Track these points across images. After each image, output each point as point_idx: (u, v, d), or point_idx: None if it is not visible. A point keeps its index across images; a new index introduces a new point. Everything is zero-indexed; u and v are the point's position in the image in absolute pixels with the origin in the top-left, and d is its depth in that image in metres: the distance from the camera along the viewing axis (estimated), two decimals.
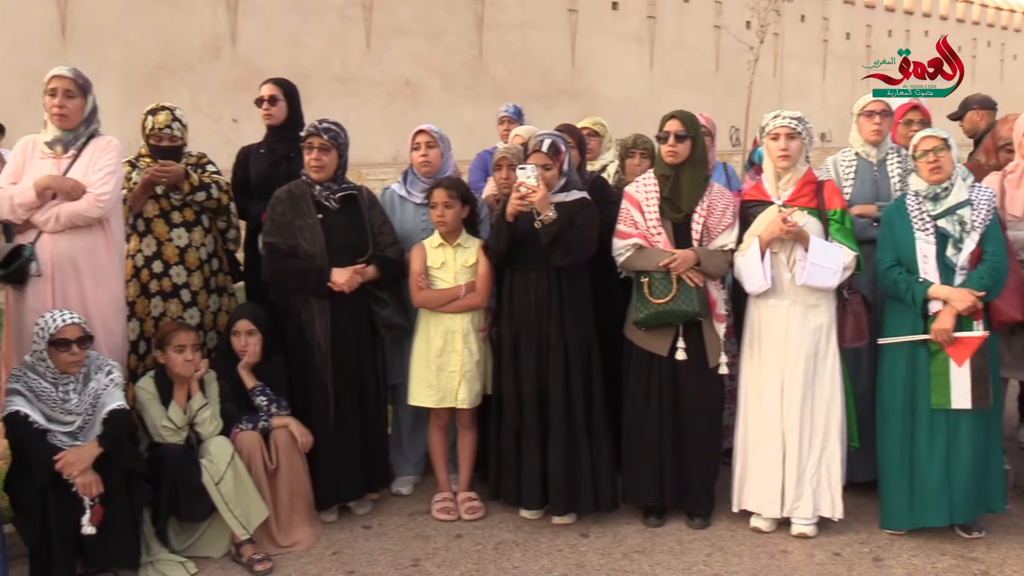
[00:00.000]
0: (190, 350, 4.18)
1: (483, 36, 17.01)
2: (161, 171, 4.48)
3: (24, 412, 3.75)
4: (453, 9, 16.53)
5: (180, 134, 4.62)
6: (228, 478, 4.09)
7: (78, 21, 11.91)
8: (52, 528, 3.70)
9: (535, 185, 4.17)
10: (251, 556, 4.12)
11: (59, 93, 4.12)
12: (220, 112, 12.86)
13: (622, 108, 16.98)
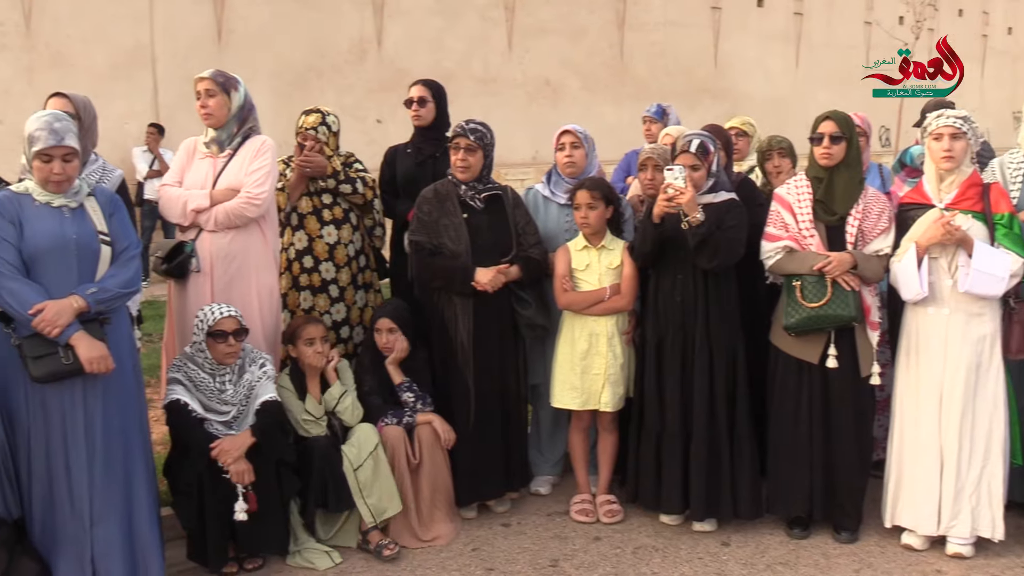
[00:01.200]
0: (319, 342, 4.30)
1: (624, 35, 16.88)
2: (305, 160, 4.61)
3: (184, 401, 3.93)
4: (595, 8, 16.46)
5: (325, 138, 4.73)
6: (367, 466, 4.18)
7: (233, 26, 12.41)
8: (208, 513, 3.86)
9: (683, 186, 4.10)
10: (379, 543, 4.21)
11: (202, 94, 4.29)
12: (365, 113, 13.18)
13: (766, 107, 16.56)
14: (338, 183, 4.69)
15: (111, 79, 11.21)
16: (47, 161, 3.42)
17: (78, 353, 3.38)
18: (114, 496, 3.58)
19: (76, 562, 3.54)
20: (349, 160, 4.88)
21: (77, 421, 3.50)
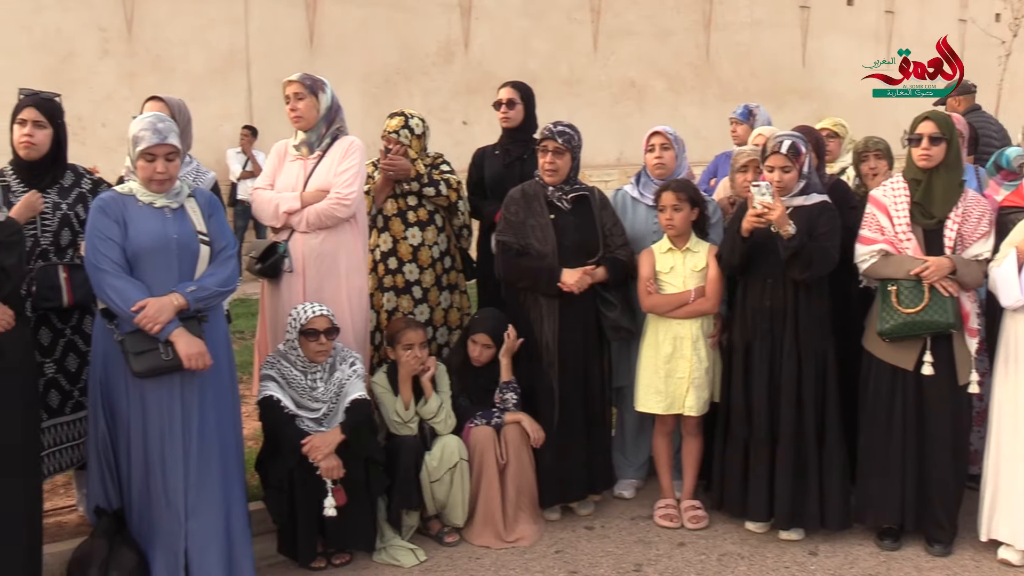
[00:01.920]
0: (418, 348, 4.34)
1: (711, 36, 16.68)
2: (389, 164, 4.66)
3: (276, 397, 4.02)
4: (681, 9, 16.31)
5: (408, 141, 4.77)
6: (444, 481, 4.26)
7: (324, 30, 12.63)
8: (298, 507, 3.94)
9: (772, 203, 4.05)
10: (440, 529, 4.32)
11: (291, 98, 4.37)
12: (452, 115, 13.28)
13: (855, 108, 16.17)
14: (422, 186, 4.73)
15: (207, 82, 11.51)
16: (151, 160, 3.54)
17: (177, 349, 3.49)
18: (208, 490, 3.68)
19: (171, 554, 3.65)
20: (436, 162, 4.92)
21: (174, 416, 3.61)
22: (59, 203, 3.89)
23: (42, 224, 3.83)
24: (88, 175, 4.04)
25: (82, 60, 11.23)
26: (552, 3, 14.73)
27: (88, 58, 11.29)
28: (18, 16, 10.98)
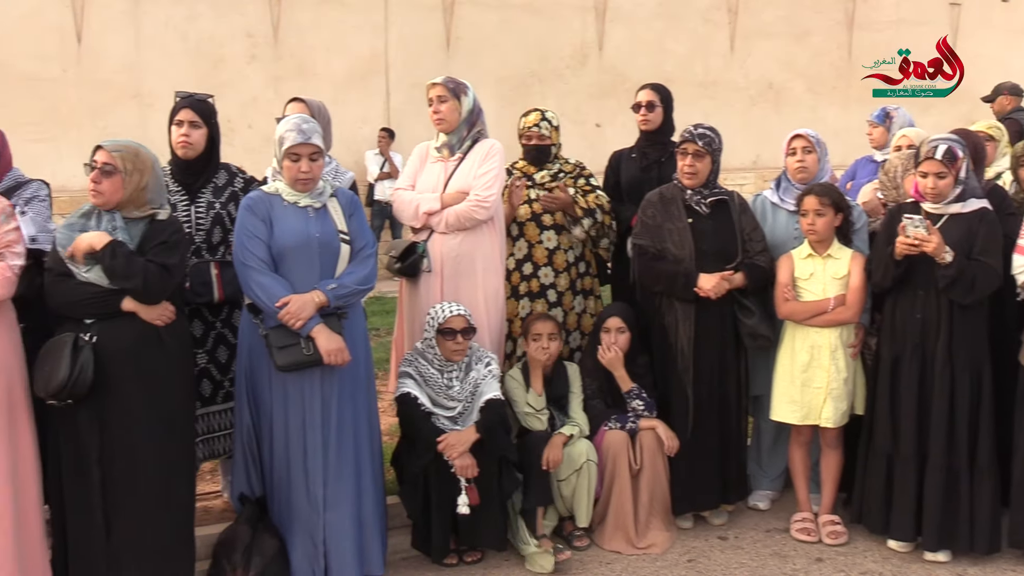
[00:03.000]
0: (545, 338, 4.34)
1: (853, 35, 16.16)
2: (550, 200, 4.67)
3: (414, 394, 4.08)
4: (821, 8, 15.83)
5: (548, 132, 4.79)
6: (570, 482, 4.24)
7: (461, 33, 12.81)
8: (432, 504, 4.00)
9: (926, 235, 3.88)
10: (572, 531, 4.32)
11: (434, 100, 4.42)
12: (585, 117, 13.26)
13: None
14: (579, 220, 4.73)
15: (348, 86, 11.83)
16: (295, 160, 3.65)
17: (318, 345, 3.59)
18: (346, 483, 3.77)
19: (309, 543, 3.76)
20: (584, 173, 4.90)
21: (314, 409, 3.71)
22: (212, 202, 4.05)
23: (196, 222, 4.00)
24: (240, 174, 4.20)
25: (231, 65, 11.72)
26: (688, 4, 14.53)
27: (237, 63, 11.78)
28: (175, 23, 11.54)
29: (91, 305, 3.40)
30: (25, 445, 3.44)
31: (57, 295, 3.45)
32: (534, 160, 4.83)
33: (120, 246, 3.35)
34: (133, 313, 3.42)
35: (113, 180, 3.38)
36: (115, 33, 11.41)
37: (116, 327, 3.41)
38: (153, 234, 3.47)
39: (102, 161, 3.38)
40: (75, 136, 10.91)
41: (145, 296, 3.40)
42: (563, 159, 4.94)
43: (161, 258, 3.42)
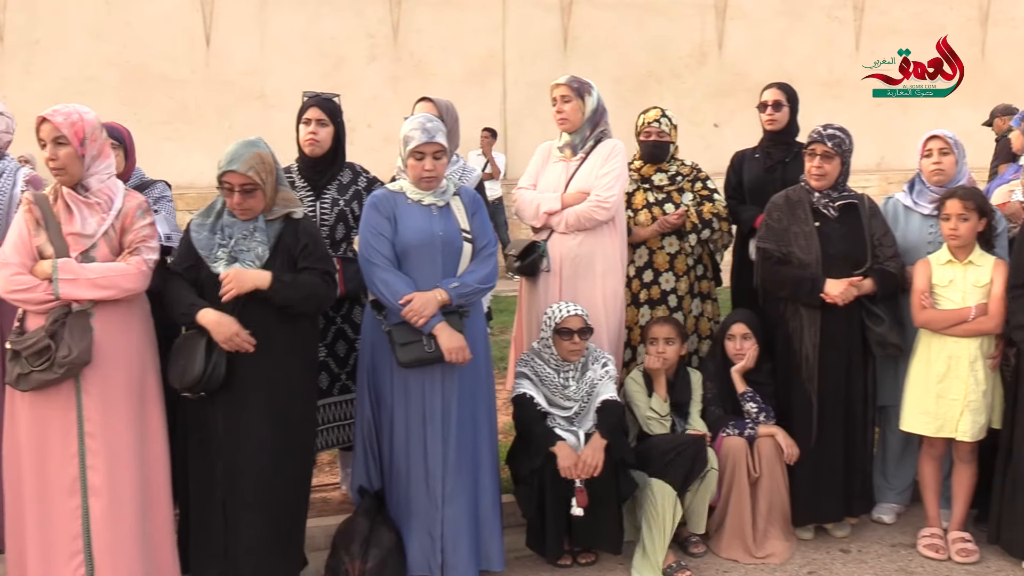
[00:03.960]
0: (661, 342, 4.29)
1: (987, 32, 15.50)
2: (667, 223, 4.61)
3: (530, 395, 4.07)
4: (953, 5, 15.24)
5: (667, 130, 4.72)
6: (692, 488, 4.14)
7: (578, 33, 12.79)
8: (547, 504, 3.97)
9: None
10: (687, 536, 4.23)
11: (557, 100, 4.41)
12: (702, 117, 13.09)
13: None
14: (698, 233, 4.66)
15: (465, 86, 11.95)
16: (420, 159, 3.68)
17: (439, 343, 3.61)
18: (464, 479, 3.79)
19: (427, 537, 3.79)
20: (700, 176, 4.82)
21: (435, 405, 3.74)
22: (337, 199, 4.14)
23: (320, 219, 4.08)
24: (364, 173, 4.27)
25: (352, 65, 11.98)
26: (811, 2, 14.19)
27: (357, 63, 12.03)
28: (299, 26, 11.87)
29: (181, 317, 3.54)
30: (155, 433, 3.55)
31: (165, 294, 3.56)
32: (651, 158, 4.76)
33: (279, 277, 3.48)
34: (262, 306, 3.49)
35: (256, 196, 3.49)
36: (242, 36, 11.80)
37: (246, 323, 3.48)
38: (289, 234, 3.56)
39: (240, 183, 3.46)
40: (203, 135, 11.34)
41: (318, 308, 3.58)
42: (680, 161, 4.86)
43: (319, 266, 3.56)
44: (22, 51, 11.19)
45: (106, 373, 3.38)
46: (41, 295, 3.31)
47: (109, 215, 3.42)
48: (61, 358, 3.28)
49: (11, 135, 3.85)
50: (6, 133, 3.81)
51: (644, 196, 4.72)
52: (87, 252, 3.38)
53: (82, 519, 3.37)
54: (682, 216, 4.65)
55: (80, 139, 3.35)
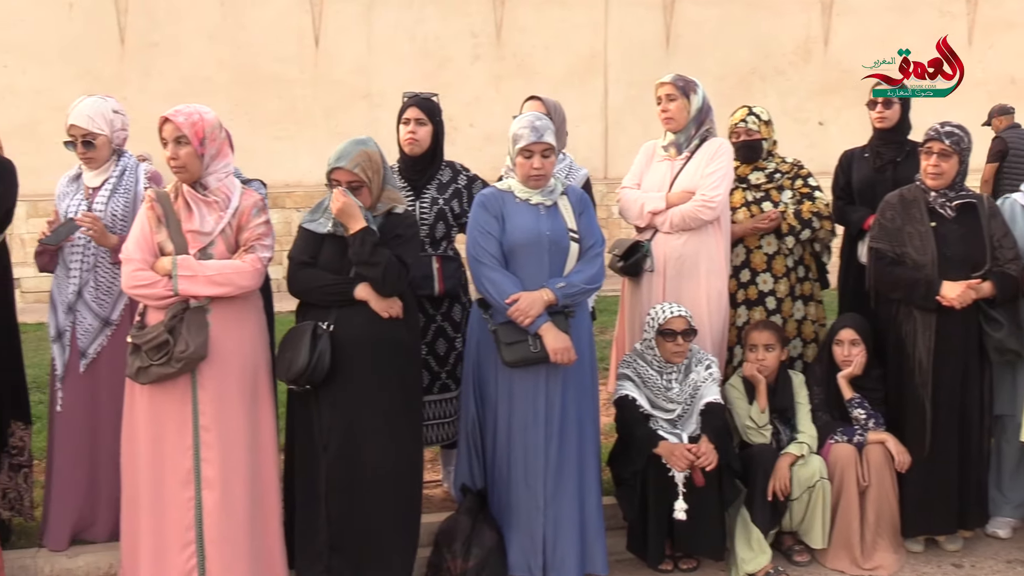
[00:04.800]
0: (761, 349, 4.21)
1: None
2: (760, 224, 4.53)
3: (632, 396, 4.05)
4: None
5: (755, 127, 4.64)
6: (802, 500, 4.06)
7: (681, 31, 12.65)
8: (649, 507, 3.94)
9: None
10: (791, 545, 4.16)
11: (663, 99, 4.36)
12: (807, 115, 12.81)
13: None
14: (796, 234, 4.56)
15: (567, 85, 11.94)
16: (528, 157, 3.70)
17: (545, 343, 3.62)
18: (566, 480, 3.79)
19: (528, 538, 3.79)
20: (801, 172, 4.71)
21: (538, 406, 3.75)
22: (436, 198, 4.19)
23: (420, 217, 4.14)
24: (464, 171, 4.31)
25: (455, 65, 12.09)
26: None
27: (461, 63, 12.14)
28: (404, 26, 12.04)
29: (327, 293, 3.58)
30: (266, 428, 3.65)
31: (297, 282, 3.65)
32: (744, 157, 4.67)
33: (371, 234, 3.50)
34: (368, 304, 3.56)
35: (362, 193, 3.56)
36: (349, 36, 12.02)
37: (352, 316, 3.56)
38: (390, 227, 3.61)
39: (347, 180, 3.54)
40: (310, 134, 11.59)
41: (383, 286, 3.52)
42: (779, 158, 4.76)
43: (399, 251, 3.55)
44: (141, 54, 11.61)
45: (221, 368, 3.49)
46: (161, 291, 3.44)
47: (226, 213, 3.53)
48: (179, 353, 3.39)
49: (126, 132, 3.99)
50: (123, 131, 3.96)
51: (742, 195, 4.64)
52: (205, 249, 3.50)
53: (195, 510, 3.48)
54: (776, 219, 4.55)
55: (200, 138, 3.46)
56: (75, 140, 3.83)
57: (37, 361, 5.22)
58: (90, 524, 3.97)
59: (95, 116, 3.83)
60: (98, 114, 3.85)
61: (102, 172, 3.90)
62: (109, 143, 3.88)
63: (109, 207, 3.85)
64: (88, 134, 3.81)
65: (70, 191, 3.94)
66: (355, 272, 3.54)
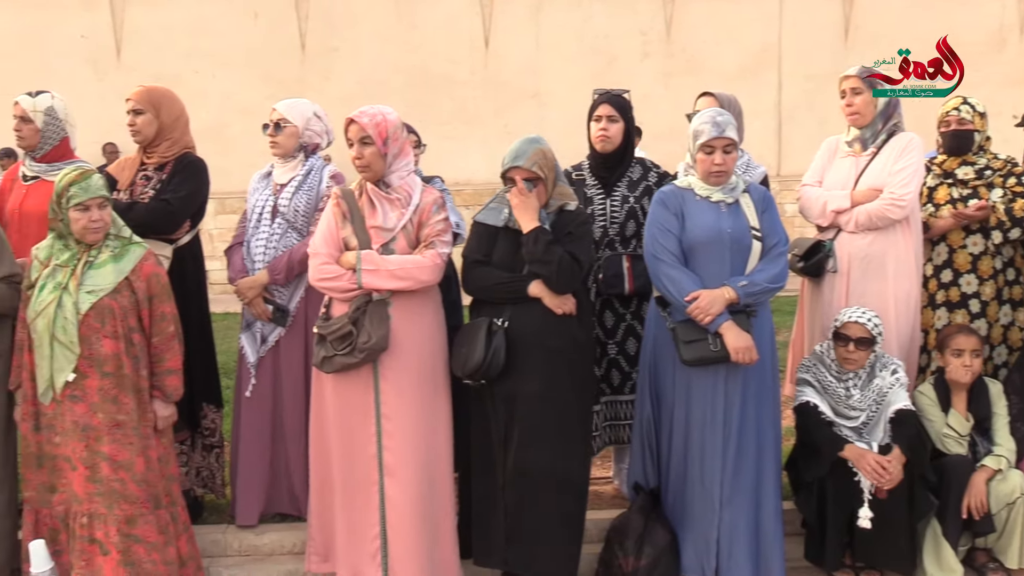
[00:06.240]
0: (968, 355, 3.97)
1: None
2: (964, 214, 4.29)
3: (813, 403, 3.91)
4: None
5: (969, 117, 4.37)
6: (1000, 517, 3.84)
7: (860, 21, 12.17)
8: (829, 514, 3.80)
9: None
10: (985, 563, 3.92)
11: (847, 93, 4.20)
12: (999, 108, 12.02)
13: None
14: (1005, 232, 4.29)
15: (739, 80, 11.70)
16: (709, 153, 3.64)
17: (725, 342, 3.55)
18: (743, 483, 3.71)
19: (701, 540, 3.73)
20: (1015, 171, 4.41)
21: (716, 406, 3.68)
22: (627, 196, 4.17)
23: (611, 215, 4.13)
24: (654, 168, 4.27)
25: (624, 63, 12.05)
26: None
27: (629, 60, 12.08)
28: (572, 25, 12.09)
29: (502, 291, 3.62)
30: (442, 421, 3.72)
31: (472, 280, 3.71)
32: (952, 149, 4.41)
33: (544, 233, 3.54)
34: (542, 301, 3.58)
35: (537, 190, 3.61)
36: (518, 37, 12.17)
37: (526, 313, 3.59)
38: (562, 224, 3.62)
39: (524, 177, 3.59)
40: (480, 134, 11.79)
41: (556, 283, 3.54)
42: (991, 154, 4.47)
43: (571, 248, 3.56)
44: (321, 58, 12.11)
45: (401, 360, 3.58)
46: (345, 284, 3.56)
47: (408, 210, 3.62)
48: (362, 343, 3.51)
49: (320, 139, 4.16)
50: (317, 135, 4.13)
51: (947, 191, 4.39)
52: (387, 245, 3.60)
53: (378, 495, 3.59)
54: (984, 208, 4.27)
55: (383, 138, 3.57)
56: (269, 123, 4.09)
57: (223, 348, 5.50)
58: (276, 502, 4.19)
59: (293, 108, 4.12)
60: (297, 108, 4.12)
61: (290, 170, 4.10)
62: (297, 136, 4.09)
63: (293, 203, 4.04)
64: (281, 119, 4.07)
65: (260, 187, 4.18)
66: (529, 269, 3.57)
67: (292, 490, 4.16)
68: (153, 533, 3.59)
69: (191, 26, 11.94)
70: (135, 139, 4.12)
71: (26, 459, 3.68)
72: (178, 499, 3.76)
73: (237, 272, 4.11)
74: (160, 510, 3.63)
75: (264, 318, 4.04)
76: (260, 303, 4.02)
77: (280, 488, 4.18)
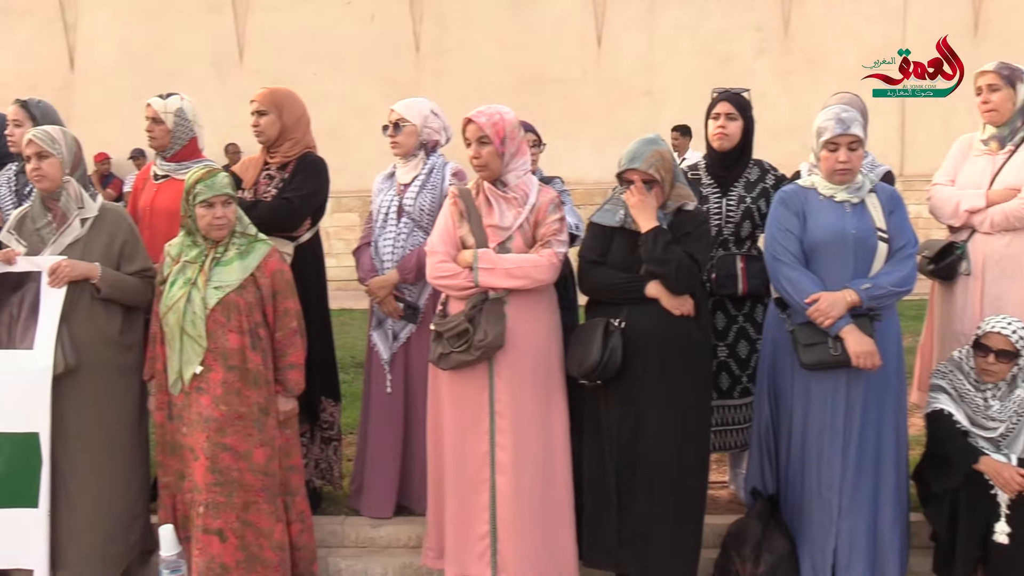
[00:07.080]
0: None
1: None
2: None
3: (948, 411, 3.75)
4: None
5: None
6: None
7: (991, 16, 11.66)
8: (960, 528, 3.64)
9: None
10: None
11: (984, 90, 4.05)
12: None
13: None
14: None
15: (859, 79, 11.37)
16: (833, 150, 3.53)
17: (846, 346, 3.44)
18: (863, 491, 3.59)
19: (818, 549, 3.64)
20: None
21: (837, 411, 3.58)
22: (743, 196, 4.10)
23: (726, 215, 4.07)
24: (772, 171, 4.18)
25: (739, 60, 11.83)
26: None
27: (745, 59, 11.86)
28: (686, 23, 11.94)
29: (619, 291, 3.60)
30: (558, 419, 3.71)
31: (588, 280, 3.70)
32: None
33: (663, 233, 3.50)
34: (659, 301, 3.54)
35: (656, 190, 3.57)
36: (631, 35, 12.07)
37: (643, 314, 3.56)
38: (679, 224, 3.58)
39: (641, 181, 3.56)
40: (591, 133, 11.74)
41: (674, 284, 3.50)
42: None
43: (689, 249, 3.52)
44: (434, 59, 12.26)
45: (516, 358, 3.59)
46: (462, 282, 3.59)
47: (524, 209, 3.63)
48: (478, 341, 3.53)
49: (439, 136, 4.19)
50: (436, 132, 4.17)
51: None
52: (503, 243, 3.61)
53: (489, 493, 3.61)
54: None
55: (501, 138, 3.58)
56: (388, 124, 4.14)
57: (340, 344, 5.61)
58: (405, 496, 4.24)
59: (411, 107, 4.16)
60: (414, 107, 4.17)
61: (412, 169, 4.15)
62: (416, 135, 4.13)
63: (418, 202, 4.08)
64: (400, 119, 4.12)
65: (384, 187, 4.24)
66: (646, 269, 3.53)
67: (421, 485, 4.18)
68: (266, 520, 3.68)
69: (310, 29, 12.23)
70: (259, 139, 4.22)
71: (162, 446, 3.83)
72: (299, 490, 3.85)
73: (367, 272, 4.17)
74: (276, 499, 3.72)
75: (395, 316, 4.09)
76: (392, 301, 4.08)
77: (411, 483, 4.21)
